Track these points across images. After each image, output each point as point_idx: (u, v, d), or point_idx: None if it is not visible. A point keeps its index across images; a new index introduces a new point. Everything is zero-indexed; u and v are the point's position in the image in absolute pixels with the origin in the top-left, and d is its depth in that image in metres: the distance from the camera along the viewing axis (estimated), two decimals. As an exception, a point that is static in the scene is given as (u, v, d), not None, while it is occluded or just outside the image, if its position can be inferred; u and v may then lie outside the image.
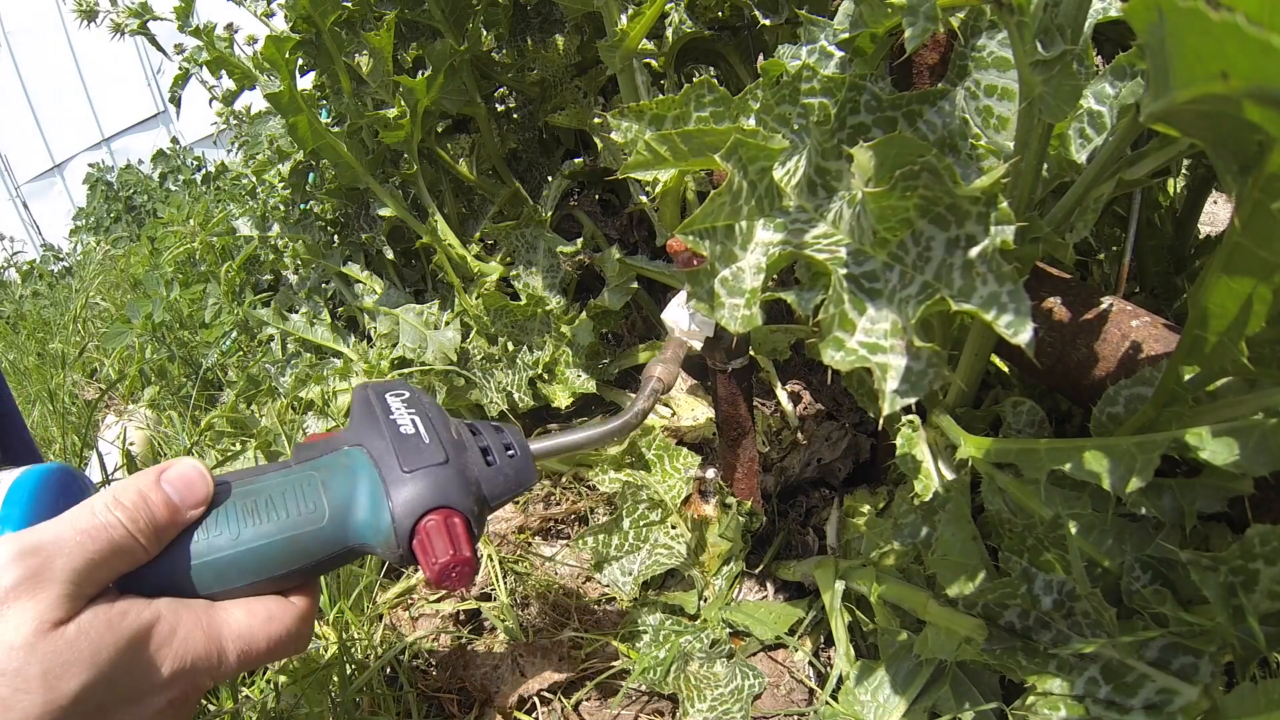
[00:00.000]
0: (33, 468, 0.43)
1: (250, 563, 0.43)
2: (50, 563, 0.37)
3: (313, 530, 0.44)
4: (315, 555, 0.45)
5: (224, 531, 0.43)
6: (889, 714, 0.64)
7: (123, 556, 0.40)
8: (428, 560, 0.44)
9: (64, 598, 0.37)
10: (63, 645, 0.36)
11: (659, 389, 0.67)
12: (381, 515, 0.45)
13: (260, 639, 0.43)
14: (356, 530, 0.45)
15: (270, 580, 0.44)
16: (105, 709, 0.37)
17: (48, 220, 7.63)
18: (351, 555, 0.47)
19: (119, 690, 0.38)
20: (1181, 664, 0.48)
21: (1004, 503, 0.57)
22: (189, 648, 0.40)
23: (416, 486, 0.46)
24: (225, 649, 0.42)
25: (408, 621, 0.90)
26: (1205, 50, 0.24)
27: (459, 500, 0.46)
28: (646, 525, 0.89)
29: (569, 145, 1.39)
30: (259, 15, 1.35)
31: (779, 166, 0.51)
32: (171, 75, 1.39)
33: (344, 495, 0.46)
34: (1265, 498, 0.50)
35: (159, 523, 0.42)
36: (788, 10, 0.88)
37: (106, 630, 0.37)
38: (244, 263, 1.78)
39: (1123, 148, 0.52)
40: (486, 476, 0.50)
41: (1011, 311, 0.38)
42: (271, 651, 0.44)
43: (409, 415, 0.50)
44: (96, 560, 0.38)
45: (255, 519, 0.44)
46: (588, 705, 0.77)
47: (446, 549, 0.44)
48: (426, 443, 0.48)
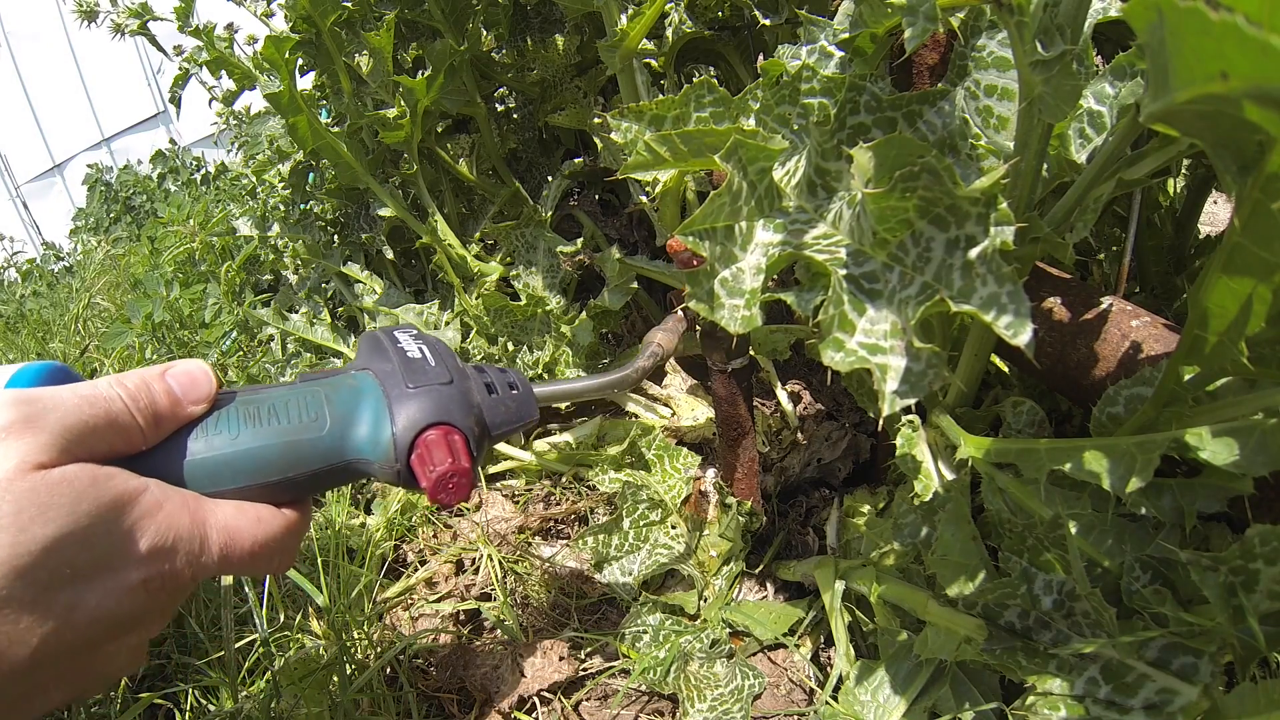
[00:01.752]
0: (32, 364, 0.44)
1: (246, 464, 0.43)
2: (44, 413, 0.36)
3: (312, 438, 0.45)
4: (312, 464, 0.45)
5: (223, 432, 0.43)
6: (889, 714, 0.64)
7: (118, 431, 0.39)
8: (425, 470, 0.44)
9: (51, 446, 0.36)
10: (41, 487, 0.34)
11: (658, 353, 0.68)
12: (382, 429, 0.45)
13: (245, 537, 0.42)
14: (356, 444, 0.46)
15: (264, 486, 0.44)
16: (76, 570, 0.36)
17: (48, 220, 7.63)
18: (348, 472, 0.47)
19: (93, 551, 0.36)
20: (1181, 664, 0.48)
21: (1004, 503, 0.57)
22: (172, 525, 0.39)
23: (419, 402, 0.46)
24: (209, 536, 0.41)
25: (408, 621, 0.90)
26: (1205, 50, 0.24)
27: (460, 419, 0.47)
28: (646, 525, 0.89)
29: (569, 145, 1.39)
30: (259, 15, 1.35)
31: (779, 167, 0.51)
32: (171, 75, 1.39)
33: (347, 408, 0.46)
34: (1265, 498, 0.50)
35: (159, 408, 0.41)
36: (788, 10, 0.88)
37: (90, 484, 0.36)
38: (244, 263, 1.78)
39: (1123, 148, 0.52)
40: (489, 404, 0.51)
41: (1011, 312, 0.38)
42: (255, 555, 0.43)
43: (417, 345, 0.51)
44: (91, 424, 0.38)
45: (256, 423, 0.44)
46: (588, 705, 0.77)
47: (445, 458, 0.44)
48: (432, 365, 0.49)
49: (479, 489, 1.10)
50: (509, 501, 1.07)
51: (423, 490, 0.45)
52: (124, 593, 0.38)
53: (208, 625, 0.80)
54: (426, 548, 1.02)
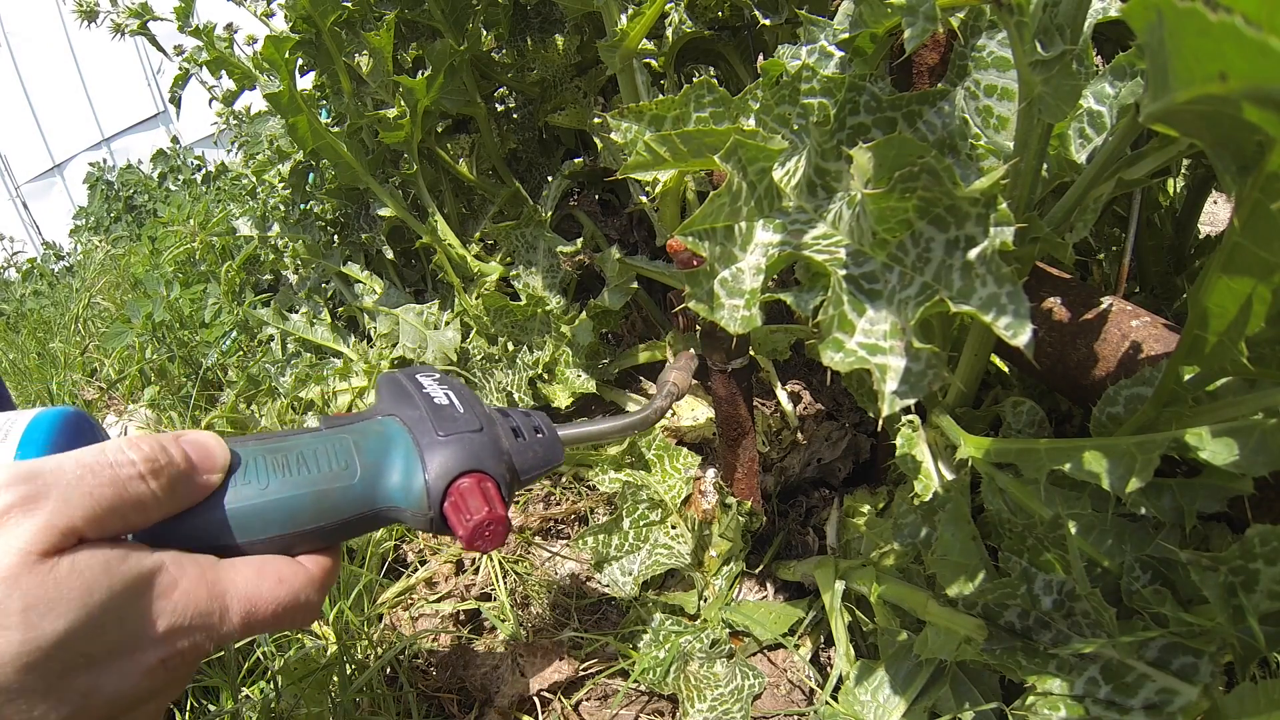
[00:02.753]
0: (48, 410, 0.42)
1: (276, 514, 0.42)
2: (47, 491, 0.34)
3: (343, 487, 0.44)
4: (343, 514, 0.44)
5: (252, 481, 0.42)
6: (889, 714, 0.64)
7: (130, 504, 0.37)
8: (461, 519, 0.44)
9: (56, 530, 0.33)
10: (50, 581, 0.33)
11: (675, 392, 0.71)
12: (414, 477, 0.45)
13: (267, 601, 0.40)
14: (388, 492, 0.45)
15: (293, 535, 0.43)
16: (91, 659, 0.34)
17: (48, 220, 7.63)
18: (379, 520, 0.46)
19: (108, 638, 0.35)
20: (1181, 664, 0.48)
21: (1004, 503, 0.57)
22: (190, 602, 0.37)
23: (451, 450, 0.46)
24: (229, 607, 0.39)
25: (408, 621, 0.90)
26: (1204, 51, 0.24)
27: (492, 466, 0.47)
28: (646, 525, 0.89)
29: (569, 145, 1.39)
30: (259, 15, 1.35)
31: (778, 167, 0.51)
32: (171, 75, 1.39)
33: (377, 456, 0.45)
34: (1265, 498, 0.50)
35: (176, 473, 0.39)
36: (788, 10, 0.88)
37: (102, 572, 0.34)
38: (244, 263, 1.78)
39: (1122, 148, 0.52)
40: (517, 449, 0.51)
41: (1010, 313, 0.38)
42: (278, 617, 0.41)
43: (441, 390, 0.51)
44: (98, 499, 0.35)
45: (285, 472, 0.43)
46: (588, 705, 0.77)
47: (480, 506, 0.44)
48: (461, 412, 0.49)
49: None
50: (509, 501, 1.07)
51: (458, 538, 0.45)
52: (142, 674, 0.36)
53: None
54: (426, 548, 1.02)
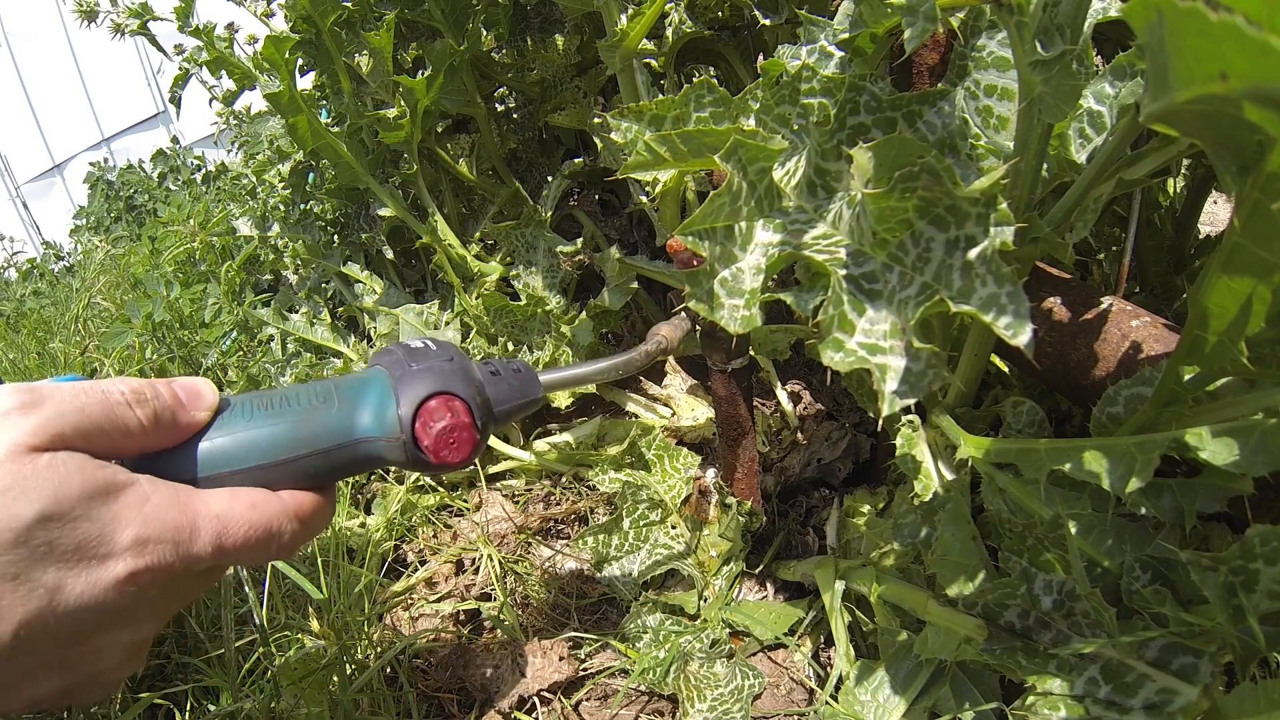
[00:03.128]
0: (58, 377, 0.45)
1: (256, 445, 0.45)
2: (41, 400, 0.38)
3: (322, 417, 0.47)
4: (320, 444, 0.46)
5: (239, 419, 0.45)
6: (889, 714, 0.64)
7: (117, 425, 0.40)
8: (426, 430, 0.47)
9: (44, 430, 0.37)
10: (29, 469, 0.36)
11: (663, 343, 0.69)
12: (388, 406, 0.48)
13: (239, 524, 0.42)
14: (364, 424, 0.48)
15: (272, 466, 0.45)
16: (58, 552, 0.36)
17: (48, 220, 7.63)
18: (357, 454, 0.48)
19: (76, 535, 0.37)
20: (1181, 664, 0.48)
21: (1004, 503, 0.57)
22: (160, 514, 0.39)
23: (421, 378, 0.49)
24: (199, 526, 0.41)
25: (408, 621, 0.90)
26: (1204, 50, 0.24)
27: (461, 389, 0.49)
28: (646, 525, 0.89)
29: (569, 145, 1.39)
30: (259, 15, 1.35)
31: (779, 167, 0.51)
32: (171, 75, 1.39)
33: (356, 393, 0.49)
34: (1265, 498, 0.50)
35: (161, 407, 0.42)
36: (788, 10, 0.88)
37: (78, 470, 0.37)
38: (244, 263, 1.78)
39: (1122, 148, 0.52)
40: (491, 382, 0.53)
41: (1011, 313, 0.38)
42: (249, 541, 0.42)
43: (422, 341, 0.54)
44: (87, 413, 0.39)
45: (270, 409, 0.46)
46: (588, 705, 0.77)
47: (445, 416, 0.47)
48: (434, 349, 0.52)
49: (479, 489, 1.10)
50: (509, 501, 1.07)
51: (427, 454, 0.47)
52: (110, 584, 0.38)
53: (208, 625, 0.80)
54: (426, 548, 1.02)
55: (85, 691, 0.42)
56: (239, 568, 0.82)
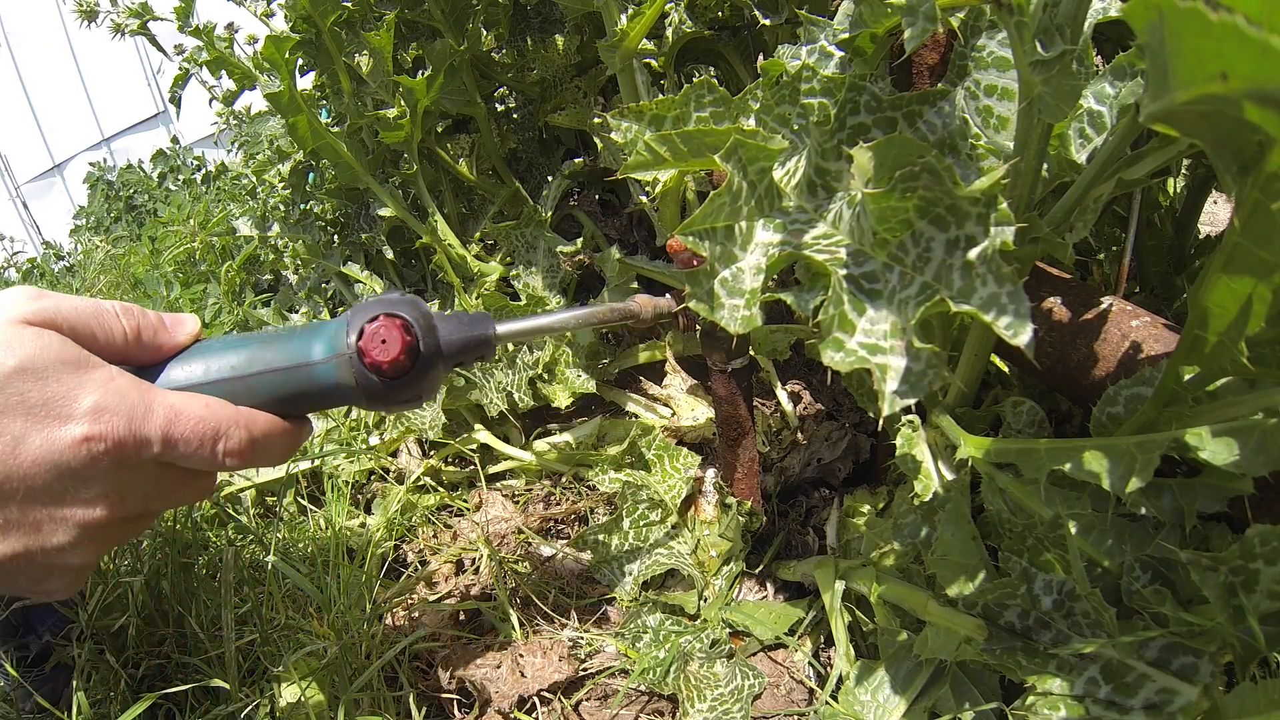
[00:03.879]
0: None
1: (221, 359, 0.51)
2: (45, 295, 0.46)
3: (283, 342, 0.52)
4: (278, 362, 0.51)
5: (214, 344, 0.52)
6: (889, 714, 0.64)
7: (103, 327, 0.47)
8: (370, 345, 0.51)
9: (41, 313, 0.45)
10: (18, 332, 0.43)
11: (633, 309, 0.68)
12: (340, 334, 0.52)
13: (189, 418, 0.47)
14: (318, 347, 0.52)
15: (234, 379, 0.50)
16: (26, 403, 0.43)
17: (48, 220, 7.63)
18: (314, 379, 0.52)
19: (43, 391, 0.43)
20: (1181, 664, 0.48)
21: (1004, 503, 0.57)
22: (120, 391, 0.45)
23: (369, 306, 0.53)
24: (153, 409, 0.46)
25: (408, 621, 0.90)
26: (1205, 51, 0.24)
27: (406, 311, 0.53)
28: (646, 525, 0.89)
29: (569, 145, 1.39)
30: (259, 15, 1.35)
31: (779, 167, 0.51)
32: (171, 75, 1.39)
33: (318, 326, 0.54)
34: (1265, 498, 0.50)
35: (145, 323, 0.49)
36: (788, 10, 0.88)
37: (59, 343, 0.44)
38: (244, 263, 1.78)
39: (1122, 148, 0.52)
40: (441, 319, 0.56)
41: (1011, 313, 0.38)
42: (196, 436, 0.48)
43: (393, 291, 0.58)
44: (80, 311, 0.46)
45: (242, 339, 0.52)
46: (588, 705, 0.77)
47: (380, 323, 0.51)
48: (395, 292, 0.56)
49: (479, 489, 1.10)
50: (509, 501, 1.07)
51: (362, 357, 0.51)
52: (68, 444, 0.43)
53: (208, 625, 0.80)
54: (426, 548, 1.02)
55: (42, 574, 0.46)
56: (238, 567, 0.82)
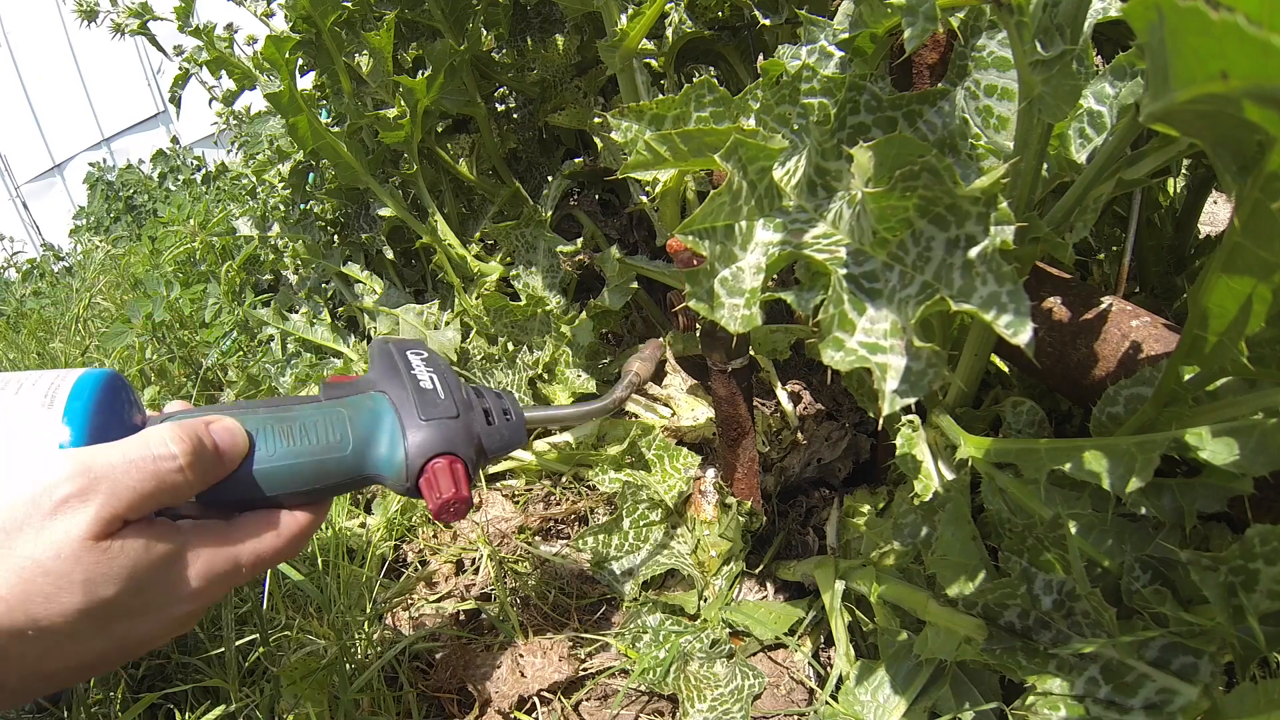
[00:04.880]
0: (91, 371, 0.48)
1: (280, 478, 0.50)
2: (97, 485, 0.42)
3: (338, 457, 0.52)
4: (335, 478, 0.52)
5: (263, 449, 0.50)
6: (889, 714, 0.64)
7: (168, 490, 0.45)
8: (432, 495, 0.52)
9: (103, 520, 0.42)
10: (104, 560, 0.42)
11: (636, 381, 0.75)
12: (397, 453, 0.53)
13: (268, 552, 0.50)
14: (374, 463, 0.53)
15: (291, 495, 0.51)
16: (134, 611, 0.44)
17: (48, 220, 7.63)
18: (364, 483, 0.54)
19: (148, 598, 0.44)
20: (1181, 664, 0.48)
21: (1004, 503, 0.57)
22: (211, 566, 0.47)
23: (430, 433, 0.53)
24: (241, 561, 0.49)
25: (408, 621, 0.90)
26: (1205, 50, 0.24)
27: (463, 450, 0.54)
28: (646, 525, 0.89)
29: (569, 145, 1.39)
30: (259, 15, 1.35)
31: (779, 166, 0.51)
32: (171, 75, 1.39)
33: (367, 431, 0.53)
34: (1265, 498, 0.50)
35: (207, 466, 0.47)
36: (788, 10, 0.88)
37: (143, 552, 0.43)
38: (244, 263, 1.78)
39: (1122, 148, 0.52)
40: (486, 433, 0.58)
41: (1011, 311, 0.38)
42: (276, 558, 0.51)
43: (428, 372, 0.58)
44: (140, 491, 0.43)
45: (290, 440, 0.51)
46: (588, 705, 0.77)
47: (450, 487, 0.52)
48: (442, 398, 0.56)
49: (479, 489, 1.10)
50: (509, 501, 1.07)
51: (429, 509, 0.53)
52: (171, 620, 0.46)
53: (208, 625, 0.80)
54: (426, 548, 1.02)
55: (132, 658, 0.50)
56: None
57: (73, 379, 0.46)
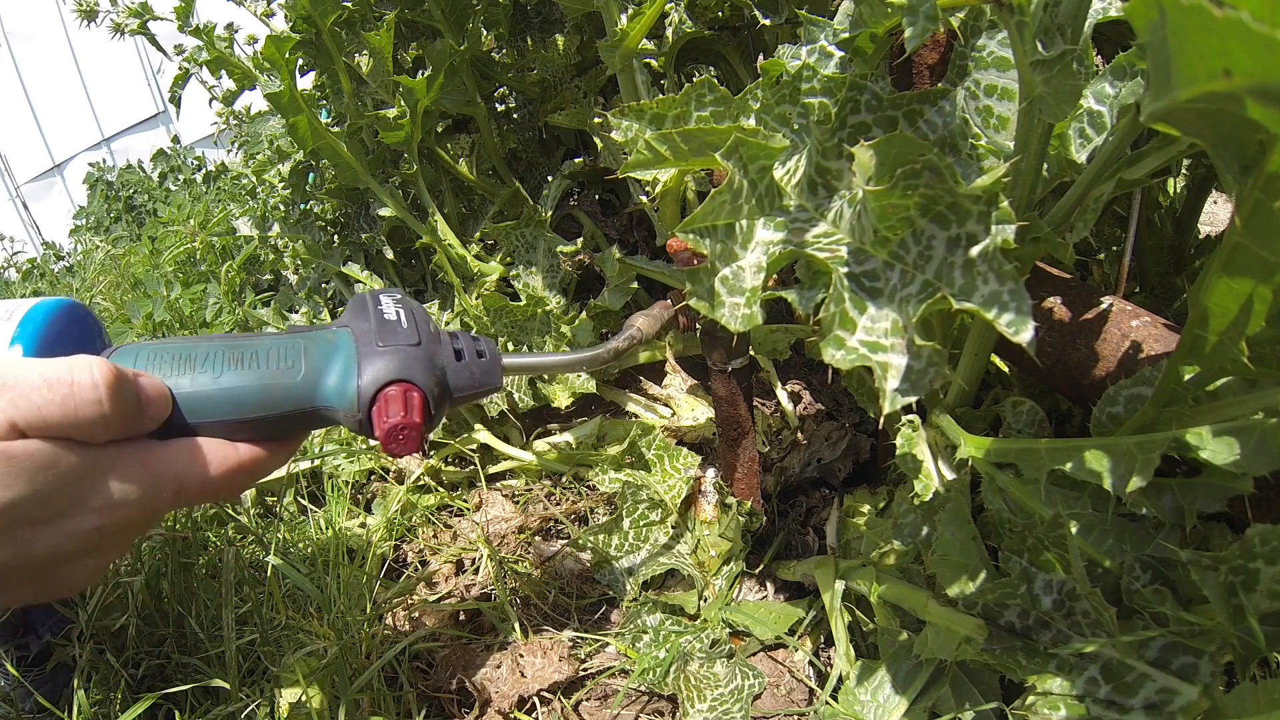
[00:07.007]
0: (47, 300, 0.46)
1: (224, 401, 0.47)
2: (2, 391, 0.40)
3: (286, 383, 0.48)
4: (282, 407, 0.48)
5: (209, 370, 0.47)
6: (889, 714, 0.64)
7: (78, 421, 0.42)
8: (380, 421, 0.48)
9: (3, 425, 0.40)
10: (3, 458, 0.39)
11: (636, 336, 0.69)
12: (349, 381, 0.49)
13: (196, 481, 0.46)
14: (325, 392, 0.49)
15: (235, 423, 0.48)
16: (36, 520, 0.41)
17: (48, 220, 7.63)
18: (316, 418, 0.50)
19: (52, 507, 0.42)
20: (1181, 664, 0.48)
21: (1004, 503, 0.57)
22: (125, 483, 0.44)
23: (385, 360, 0.50)
24: (161, 486, 0.45)
25: (408, 621, 0.90)
26: (1208, 48, 0.24)
27: (421, 378, 0.50)
28: (646, 525, 0.89)
29: (569, 145, 1.39)
30: (259, 15, 1.35)
31: (779, 166, 0.51)
32: (171, 75, 1.39)
33: (322, 360, 0.50)
34: (1265, 498, 0.50)
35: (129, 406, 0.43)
36: (788, 10, 0.88)
37: (50, 458, 0.41)
38: (244, 263, 1.78)
39: (1123, 147, 0.52)
40: (454, 368, 0.54)
41: (1013, 310, 0.38)
42: (204, 493, 0.47)
43: (395, 308, 0.54)
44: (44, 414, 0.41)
45: (239, 365, 0.48)
46: (588, 705, 0.77)
47: (399, 411, 0.48)
48: (404, 327, 0.52)
49: (479, 489, 1.10)
50: (509, 501, 1.07)
51: (377, 439, 0.49)
52: (77, 535, 0.43)
53: (208, 625, 0.80)
54: (426, 548, 1.02)
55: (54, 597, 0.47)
56: (238, 567, 0.82)
57: (33, 302, 0.46)
